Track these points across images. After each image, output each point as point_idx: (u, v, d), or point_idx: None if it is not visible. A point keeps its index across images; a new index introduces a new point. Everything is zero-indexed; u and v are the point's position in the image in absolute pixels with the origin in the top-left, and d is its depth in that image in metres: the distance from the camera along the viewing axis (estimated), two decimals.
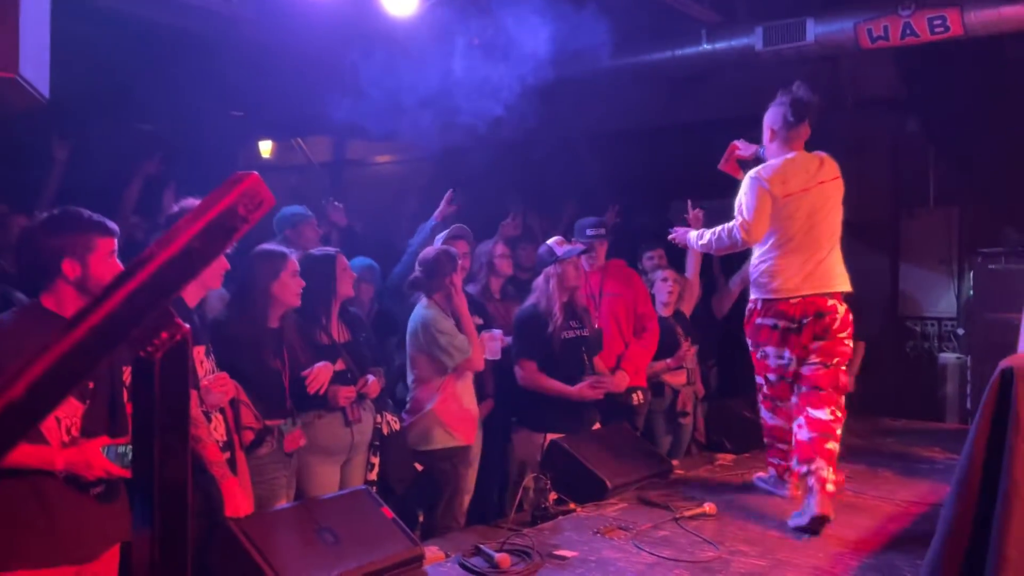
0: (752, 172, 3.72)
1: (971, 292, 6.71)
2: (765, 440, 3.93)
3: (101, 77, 5.75)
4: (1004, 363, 2.03)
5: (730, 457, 4.63)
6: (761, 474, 4.04)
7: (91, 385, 2.49)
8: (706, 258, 5.62)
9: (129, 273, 0.79)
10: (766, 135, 3.81)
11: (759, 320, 3.74)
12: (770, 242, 3.68)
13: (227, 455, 3.03)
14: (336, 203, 5.94)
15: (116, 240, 2.60)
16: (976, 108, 6.51)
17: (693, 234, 3.96)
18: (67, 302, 2.46)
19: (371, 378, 3.70)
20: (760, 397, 3.86)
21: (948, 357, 6.83)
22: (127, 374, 2.65)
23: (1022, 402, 2.02)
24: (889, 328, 7.19)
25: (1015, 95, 6.22)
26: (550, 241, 4.46)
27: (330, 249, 3.92)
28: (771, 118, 3.77)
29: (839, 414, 3.58)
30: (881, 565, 2.90)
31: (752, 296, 3.80)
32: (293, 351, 3.47)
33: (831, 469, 3.41)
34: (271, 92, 6.51)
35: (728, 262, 5.82)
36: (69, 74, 3.51)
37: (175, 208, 3.19)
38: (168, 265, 0.79)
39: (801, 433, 3.53)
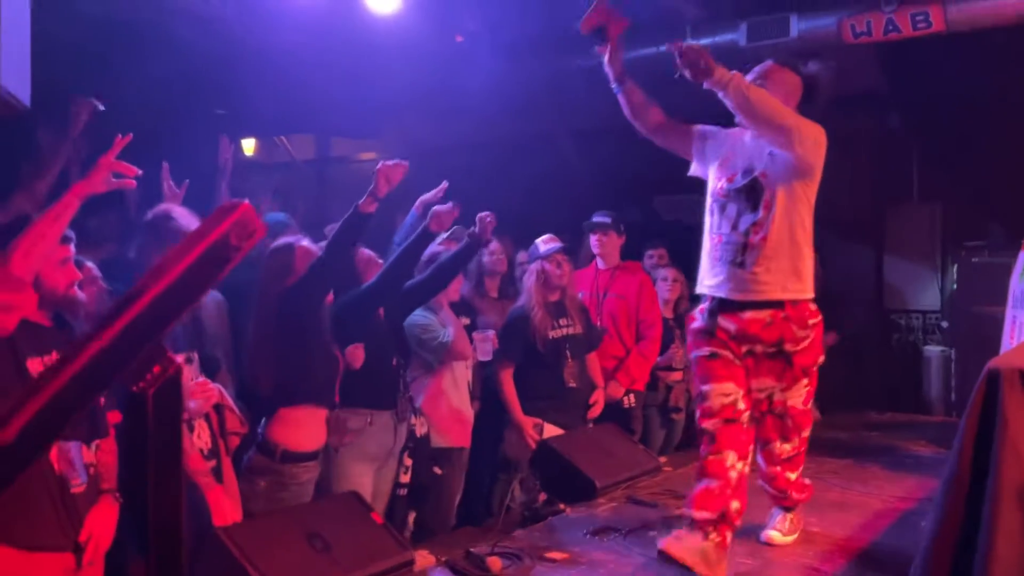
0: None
1: (955, 285, 6.76)
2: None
3: (80, 78, 5.68)
4: (991, 364, 2.04)
5: None
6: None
7: None
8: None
9: (122, 307, 0.78)
10: (783, 94, 3.15)
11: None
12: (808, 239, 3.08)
13: (212, 463, 2.99)
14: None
15: None
16: (957, 103, 6.55)
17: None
18: None
19: None
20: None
21: (933, 350, 6.87)
22: None
23: (1008, 403, 2.02)
24: (874, 322, 7.24)
25: (995, 89, 6.26)
26: (539, 239, 4.47)
27: None
28: (794, 85, 3.21)
29: None
30: (870, 562, 2.92)
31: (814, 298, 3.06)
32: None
33: None
34: (255, 90, 6.48)
35: None
36: (51, 76, 3.45)
37: (148, 216, 3.18)
38: (161, 298, 0.78)
39: None
